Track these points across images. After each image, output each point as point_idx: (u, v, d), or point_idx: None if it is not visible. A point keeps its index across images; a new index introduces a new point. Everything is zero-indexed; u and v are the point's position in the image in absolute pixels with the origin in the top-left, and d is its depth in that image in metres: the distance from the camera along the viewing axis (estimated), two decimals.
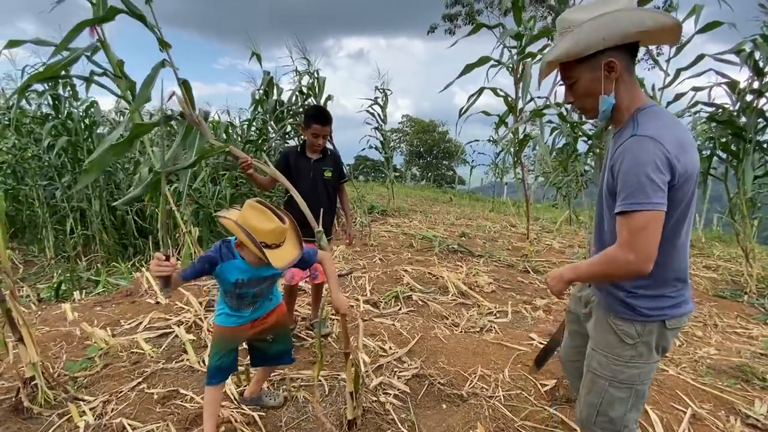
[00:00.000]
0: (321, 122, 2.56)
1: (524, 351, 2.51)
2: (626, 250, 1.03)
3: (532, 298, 3.74)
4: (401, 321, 2.94)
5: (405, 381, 2.14)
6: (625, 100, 1.13)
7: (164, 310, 3.03)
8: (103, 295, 3.76)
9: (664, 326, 1.16)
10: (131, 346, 2.47)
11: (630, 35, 1.07)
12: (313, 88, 5.99)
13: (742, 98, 4.10)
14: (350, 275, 4.06)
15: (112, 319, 2.90)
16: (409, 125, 35.53)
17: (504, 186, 18.56)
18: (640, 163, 1.01)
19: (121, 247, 7.15)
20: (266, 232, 1.43)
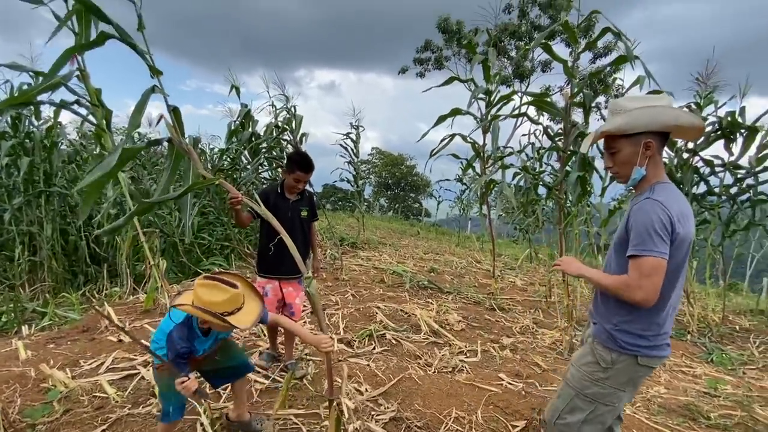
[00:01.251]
0: (305, 170, 2.70)
1: (495, 392, 2.62)
2: (636, 285, 1.29)
3: (499, 336, 3.90)
4: (376, 361, 2.97)
5: (383, 425, 2.17)
6: (650, 173, 1.42)
7: (128, 349, 2.89)
8: (57, 331, 3.51)
9: (636, 361, 1.40)
10: (93, 389, 2.34)
11: (667, 126, 1.39)
12: (290, 124, 6.13)
13: (679, 156, 4.68)
14: (323, 312, 4.05)
15: (70, 359, 2.72)
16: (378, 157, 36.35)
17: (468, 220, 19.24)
18: (651, 219, 1.30)
19: (70, 274, 6.67)
20: (222, 303, 1.55)
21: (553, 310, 5.14)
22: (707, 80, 4.22)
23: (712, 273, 6.16)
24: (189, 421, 2.12)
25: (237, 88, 6.09)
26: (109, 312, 3.45)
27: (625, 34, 3.26)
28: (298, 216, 2.76)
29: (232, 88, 6.10)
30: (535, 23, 16.38)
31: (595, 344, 1.46)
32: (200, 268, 6.20)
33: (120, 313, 3.58)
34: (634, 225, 1.33)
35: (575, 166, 4.32)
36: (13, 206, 6.16)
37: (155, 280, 3.78)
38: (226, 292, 1.57)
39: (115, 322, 3.29)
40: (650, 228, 1.29)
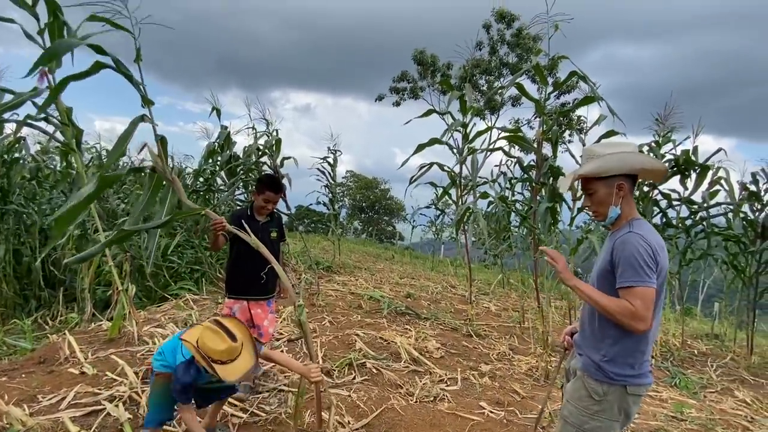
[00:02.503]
0: (274, 190, 2.81)
1: (477, 421, 2.63)
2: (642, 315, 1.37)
3: (477, 363, 3.93)
4: (357, 392, 2.92)
5: None
6: (625, 211, 1.56)
7: (91, 382, 2.69)
8: (9, 362, 3.23)
9: (626, 391, 1.47)
10: (55, 427, 2.15)
11: (634, 169, 1.56)
12: (270, 148, 6.12)
13: (641, 189, 5.04)
14: (301, 340, 3.95)
15: (27, 394, 2.50)
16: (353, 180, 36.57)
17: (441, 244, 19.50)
18: (638, 251, 1.41)
19: (22, 299, 6.19)
20: (220, 352, 1.69)
21: (527, 336, 5.24)
22: (665, 120, 4.61)
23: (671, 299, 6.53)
24: None
25: (218, 110, 6.05)
26: (70, 341, 3.22)
27: (589, 77, 3.55)
28: (268, 237, 2.84)
29: (213, 110, 6.05)
30: (504, 60, 17.40)
31: (586, 377, 1.52)
32: (168, 293, 5.92)
33: (82, 342, 3.34)
34: (622, 257, 1.44)
35: (545, 197, 4.55)
36: None
37: (123, 306, 3.58)
38: (225, 343, 1.70)
39: (77, 353, 3.08)
40: (639, 259, 1.40)
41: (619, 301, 1.43)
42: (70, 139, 3.53)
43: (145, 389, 2.60)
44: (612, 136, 4.31)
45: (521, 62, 16.39)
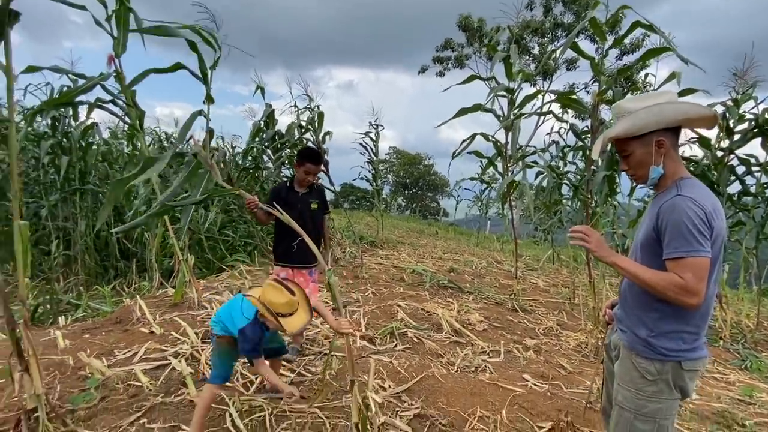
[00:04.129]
0: (314, 162, 2.88)
1: (520, 392, 2.59)
2: (694, 289, 1.21)
3: (522, 337, 3.84)
4: (398, 359, 2.98)
5: (407, 421, 2.17)
6: (670, 170, 1.37)
7: (159, 341, 2.99)
8: (91, 322, 3.66)
9: (680, 367, 1.32)
10: (128, 377, 2.43)
11: (675, 121, 1.35)
12: (313, 123, 6.20)
13: (713, 154, 4.51)
14: (345, 308, 4.09)
15: (105, 348, 2.84)
16: (396, 157, 36.29)
17: (487, 220, 19.00)
18: (688, 217, 1.23)
19: (102, 269, 6.94)
20: (281, 305, 1.84)
21: (577, 313, 5.03)
22: (744, 76, 4.04)
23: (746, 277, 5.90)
24: (219, 410, 2.18)
25: (262, 88, 6.21)
26: (141, 305, 3.58)
27: (659, 27, 3.15)
28: (308, 209, 2.92)
29: (257, 89, 6.22)
30: (559, 20, 16.04)
31: (634, 357, 1.38)
32: (224, 264, 6.35)
33: (150, 307, 3.70)
34: (669, 224, 1.26)
35: (602, 165, 4.22)
36: (50, 202, 6.46)
37: (183, 274, 3.90)
38: (286, 296, 1.85)
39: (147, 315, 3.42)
40: (690, 225, 1.22)
41: (666, 275, 1.26)
42: (134, 120, 3.80)
43: (204, 348, 2.84)
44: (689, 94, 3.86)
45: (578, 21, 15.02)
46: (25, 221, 1.77)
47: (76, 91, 3.30)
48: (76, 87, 3.26)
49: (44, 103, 3.13)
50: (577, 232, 1.40)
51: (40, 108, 3.22)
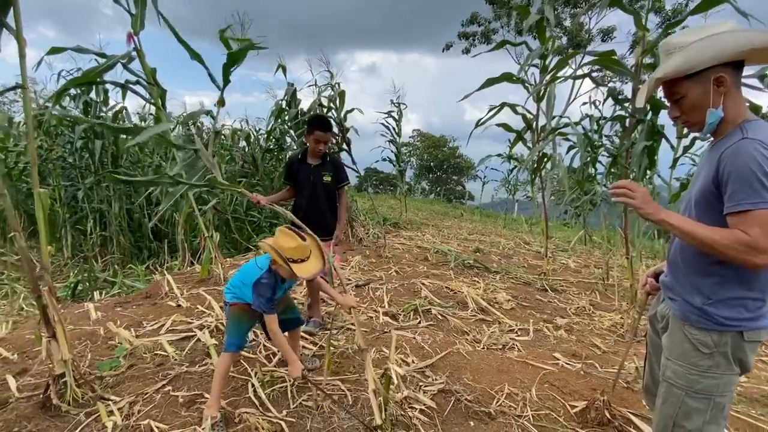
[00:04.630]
0: (323, 129, 2.76)
1: (550, 370, 2.46)
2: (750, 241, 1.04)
3: (552, 317, 3.67)
4: (422, 335, 2.90)
5: (431, 396, 2.10)
6: (731, 113, 1.16)
7: (186, 313, 3.04)
8: (123, 297, 3.79)
9: (741, 338, 1.16)
10: (155, 347, 2.48)
11: (738, 54, 1.14)
12: (334, 101, 6.08)
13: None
14: (367, 286, 4.04)
15: (134, 320, 2.91)
16: (420, 140, 35.70)
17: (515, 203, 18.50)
18: (757, 163, 1.05)
19: (136, 249, 7.22)
20: (291, 249, 1.83)
21: (611, 293, 4.78)
22: None
23: None
24: (242, 381, 2.18)
25: (283, 67, 6.13)
26: (169, 280, 3.65)
27: None
28: (320, 181, 2.83)
29: (278, 68, 6.15)
30: None
31: (687, 327, 1.22)
32: (251, 244, 6.46)
33: (178, 282, 3.78)
34: (733, 172, 1.08)
35: (642, 135, 3.90)
36: (85, 185, 6.73)
37: (209, 251, 3.95)
38: (296, 241, 1.85)
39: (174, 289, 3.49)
40: (759, 173, 1.04)
41: (728, 231, 1.09)
42: (156, 98, 3.82)
43: None
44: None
45: None
46: (44, 189, 1.77)
47: (98, 69, 3.33)
48: (99, 65, 3.28)
49: (68, 82, 3.17)
50: (620, 188, 1.20)
51: (65, 87, 3.26)
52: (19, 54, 1.63)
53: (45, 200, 1.73)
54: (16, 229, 1.75)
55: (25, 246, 1.77)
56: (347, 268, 4.74)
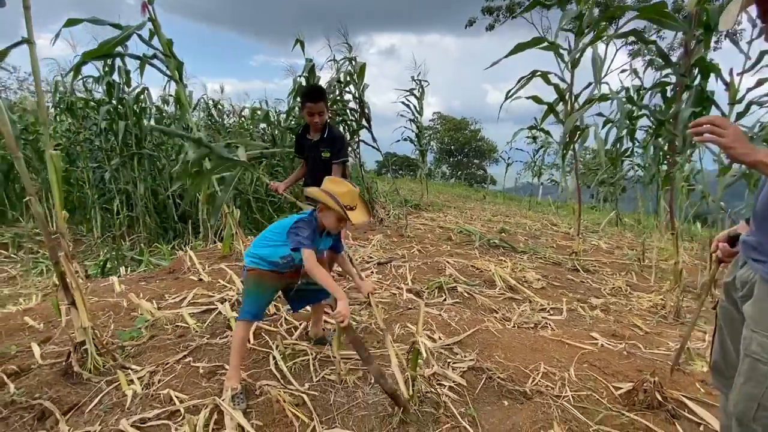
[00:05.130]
0: (312, 99, 2.58)
1: (588, 350, 2.28)
2: None
3: (585, 296, 3.47)
4: (448, 312, 2.77)
5: (460, 373, 1.97)
6: None
7: (207, 287, 3.00)
8: (148, 272, 3.81)
9: None
10: (176, 319, 2.44)
11: None
12: (353, 76, 5.88)
13: None
14: (390, 264, 3.92)
15: (157, 293, 2.89)
16: (440, 123, 34.96)
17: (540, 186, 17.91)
18: None
19: (162, 230, 7.34)
20: (344, 195, 1.74)
21: (647, 274, 4.50)
22: None
23: None
24: (263, 353, 2.11)
25: (301, 42, 5.95)
26: (191, 256, 3.64)
27: None
28: (319, 156, 2.72)
29: (296, 43, 5.98)
30: None
31: None
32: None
33: (201, 258, 3.76)
34: None
35: (690, 101, 3.56)
36: (112, 167, 6.84)
37: (230, 227, 3.91)
38: (347, 186, 1.78)
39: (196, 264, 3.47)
40: None
41: None
42: (173, 71, 3.74)
43: None
44: None
45: None
46: (57, 151, 1.70)
47: (114, 41, 3.27)
48: (114, 37, 3.21)
49: (85, 54, 3.11)
50: (707, 125, 1.00)
51: (82, 60, 3.20)
52: (23, 5, 1.54)
53: (57, 162, 1.66)
54: (31, 193, 1.69)
55: (41, 211, 1.72)
56: (368, 246, 4.63)
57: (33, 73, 1.55)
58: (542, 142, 14.96)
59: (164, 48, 3.63)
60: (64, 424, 1.53)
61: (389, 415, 1.67)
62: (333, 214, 1.75)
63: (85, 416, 1.60)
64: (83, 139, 7.10)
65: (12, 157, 1.63)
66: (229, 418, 1.56)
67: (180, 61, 3.80)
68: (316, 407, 1.70)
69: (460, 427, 1.63)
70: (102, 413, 1.62)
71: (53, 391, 1.69)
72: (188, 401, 1.68)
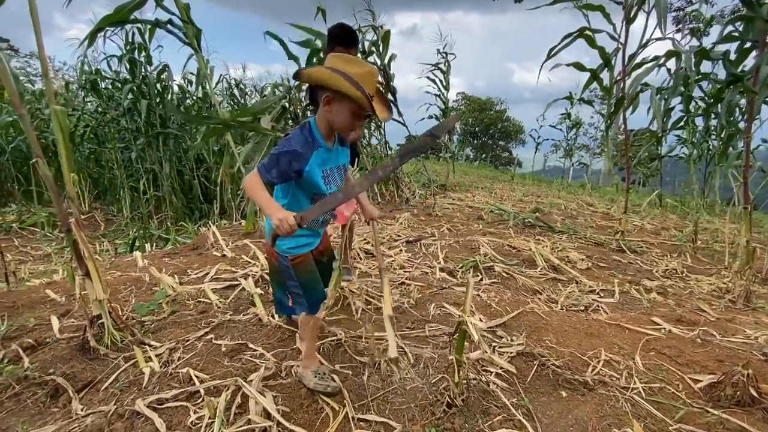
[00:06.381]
0: (344, 43, 1.98)
1: (654, 336, 2.00)
2: None
3: (637, 278, 3.14)
4: (486, 292, 2.53)
5: (509, 359, 1.74)
6: None
7: (231, 263, 2.87)
8: (172, 248, 3.74)
9: None
10: (198, 295, 2.32)
11: None
12: (377, 45, 5.55)
13: None
14: (419, 242, 3.70)
15: (180, 269, 2.78)
16: (464, 103, 33.93)
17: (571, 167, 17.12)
18: None
19: (188, 209, 7.37)
20: (362, 75, 1.19)
21: (703, 256, 4.10)
22: None
23: None
24: (288, 332, 1.95)
25: (323, 10, 5.66)
26: (214, 232, 3.53)
27: None
28: None
29: (318, 11, 5.69)
30: None
31: None
32: None
33: (224, 235, 3.65)
34: None
35: (766, 59, 3.09)
36: (138, 147, 6.85)
37: (253, 204, 3.78)
38: (365, 66, 1.23)
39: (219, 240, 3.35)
40: None
41: None
42: (192, 39, 3.57)
43: None
44: None
45: None
46: (62, 107, 1.54)
47: (130, 5, 3.11)
48: (130, 2, 3.04)
49: (101, 21, 2.96)
50: None
51: (98, 27, 3.06)
52: None
53: (63, 120, 1.50)
54: (39, 155, 1.55)
55: (49, 174, 1.58)
56: (395, 225, 4.41)
57: (31, 11, 1.38)
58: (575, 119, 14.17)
59: (182, 13, 3.45)
60: (77, 402, 1.42)
61: (430, 403, 1.47)
62: (347, 105, 1.21)
63: (99, 394, 1.48)
64: (110, 119, 7.13)
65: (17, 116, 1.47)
66: (254, 402, 1.40)
67: (198, 29, 3.62)
68: (351, 395, 1.51)
69: (514, 420, 1.41)
70: (118, 392, 1.49)
71: (67, 367, 1.57)
72: (209, 381, 1.53)
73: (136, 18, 3.33)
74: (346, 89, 1.17)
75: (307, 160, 1.26)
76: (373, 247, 3.50)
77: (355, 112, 1.23)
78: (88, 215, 7.46)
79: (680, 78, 4.08)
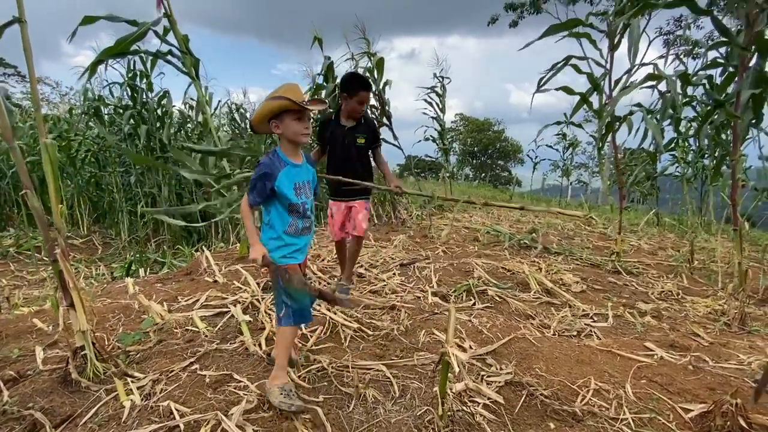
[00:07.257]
0: (366, 88, 2.61)
1: (646, 363, 1.97)
2: None
3: (632, 301, 3.12)
4: (478, 317, 2.51)
5: (496, 388, 1.71)
6: None
7: (222, 289, 2.86)
8: (166, 273, 3.73)
9: None
10: (186, 323, 2.30)
11: None
12: (372, 71, 5.70)
13: None
14: (413, 265, 3.69)
15: (171, 295, 2.78)
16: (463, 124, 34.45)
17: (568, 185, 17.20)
18: None
19: (186, 232, 7.38)
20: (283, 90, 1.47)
21: (699, 277, 4.07)
22: None
23: None
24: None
25: (319, 39, 5.84)
26: (207, 256, 3.53)
27: None
28: (354, 143, 2.69)
29: (314, 41, 5.87)
30: None
31: None
32: None
33: (217, 259, 3.65)
34: None
35: (747, 82, 3.16)
36: (137, 170, 6.93)
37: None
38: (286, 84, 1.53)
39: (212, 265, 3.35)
40: None
41: None
42: (190, 68, 3.67)
43: (264, 297, 2.64)
44: None
45: None
46: (53, 141, 1.58)
47: (130, 37, 3.21)
48: (130, 34, 3.15)
49: (102, 53, 3.06)
50: None
51: (99, 58, 3.16)
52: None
53: (53, 152, 1.53)
54: (28, 186, 1.58)
55: (38, 206, 1.60)
56: (389, 247, 4.41)
57: (25, 51, 1.44)
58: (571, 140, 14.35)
59: (180, 44, 3.56)
60: None
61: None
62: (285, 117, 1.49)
63: (78, 430, 1.45)
64: (110, 145, 7.24)
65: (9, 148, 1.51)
66: None
67: (196, 58, 3.73)
68: (332, 425, 1.48)
69: None
70: (96, 427, 1.46)
71: (47, 401, 1.55)
72: (189, 415, 1.51)
73: (137, 49, 3.43)
74: (274, 106, 1.46)
75: (276, 178, 1.52)
76: (366, 270, 3.49)
77: (294, 116, 1.50)
78: (86, 239, 7.48)
79: (669, 101, 4.17)
